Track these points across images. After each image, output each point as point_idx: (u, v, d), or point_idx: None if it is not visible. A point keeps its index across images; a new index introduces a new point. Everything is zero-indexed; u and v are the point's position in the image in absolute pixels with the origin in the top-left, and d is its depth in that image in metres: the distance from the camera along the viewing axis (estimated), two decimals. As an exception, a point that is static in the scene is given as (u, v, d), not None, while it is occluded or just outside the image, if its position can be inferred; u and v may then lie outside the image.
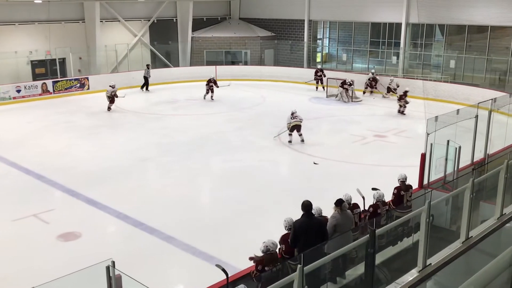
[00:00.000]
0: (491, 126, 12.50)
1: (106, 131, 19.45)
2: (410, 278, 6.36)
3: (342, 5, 30.20)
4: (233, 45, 33.03)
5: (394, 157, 15.87)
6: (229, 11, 35.66)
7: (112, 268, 5.01)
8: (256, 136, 18.44)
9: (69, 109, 23.14)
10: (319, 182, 13.88)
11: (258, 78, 30.52)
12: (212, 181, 14.38)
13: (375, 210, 8.95)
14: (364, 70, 30.09)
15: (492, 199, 8.39)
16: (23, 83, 24.99)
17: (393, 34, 29.03)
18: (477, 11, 24.79)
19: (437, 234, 7.99)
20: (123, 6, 29.85)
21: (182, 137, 18.32)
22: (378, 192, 9.14)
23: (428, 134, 10.71)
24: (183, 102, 24.80)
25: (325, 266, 6.09)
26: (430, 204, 6.30)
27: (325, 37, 33.75)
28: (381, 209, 8.98)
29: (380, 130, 19.23)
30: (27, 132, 19.14)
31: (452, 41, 27.31)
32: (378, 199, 9.06)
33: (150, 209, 12.07)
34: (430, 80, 26.13)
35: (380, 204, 9.03)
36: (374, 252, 5.94)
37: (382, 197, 9.12)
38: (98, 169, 14.91)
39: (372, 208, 9.02)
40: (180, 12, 32.48)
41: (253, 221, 11.42)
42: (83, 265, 5.20)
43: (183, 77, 30.39)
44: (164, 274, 9.26)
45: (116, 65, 29.79)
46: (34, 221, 11.32)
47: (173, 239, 10.45)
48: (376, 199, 9.07)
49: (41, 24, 26.58)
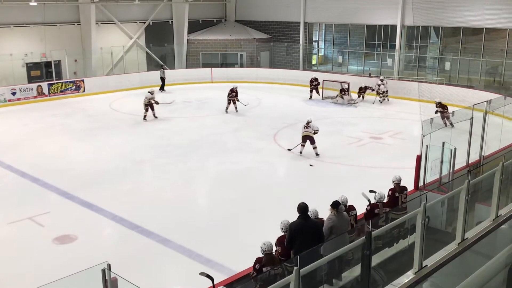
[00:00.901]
0: (486, 127, 12.53)
1: (102, 133, 19.40)
2: (406, 280, 6.37)
3: (337, 8, 30.29)
4: (228, 47, 33.05)
5: (390, 159, 15.90)
6: (225, 14, 35.70)
7: (108, 271, 4.99)
8: (252, 138, 18.44)
9: (64, 111, 23.08)
10: (315, 184, 13.89)
11: (254, 80, 30.54)
12: (208, 183, 14.37)
13: (372, 209, 8.99)
14: (360, 72, 30.17)
15: (488, 201, 8.41)
16: (18, 85, 24.91)
17: (388, 36, 29.12)
18: (471, 13, 24.92)
19: (433, 236, 8.00)
20: (119, 8, 29.83)
21: (178, 139, 18.31)
22: (380, 193, 9.18)
23: (424, 136, 10.74)
24: (179, 104, 24.78)
25: (321, 268, 6.09)
26: (425, 206, 6.32)
27: (321, 39, 33.83)
28: (380, 209, 9.01)
29: (376, 132, 19.27)
30: (23, 134, 19.08)
31: (447, 43, 27.42)
32: (379, 200, 9.10)
33: (146, 211, 12.04)
34: (426, 82, 26.21)
35: (380, 204, 9.06)
36: (370, 254, 5.95)
37: (383, 198, 9.17)
38: (94, 171, 14.88)
39: (370, 207, 9.06)
40: (176, 14, 32.49)
41: (249, 223, 11.41)
42: (79, 268, 5.19)
43: (178, 79, 30.38)
44: (160, 277, 9.24)
45: (112, 68, 29.76)
46: (30, 224, 11.27)
47: (169, 242, 10.42)
48: (377, 200, 9.11)
49: (36, 27, 26.52)
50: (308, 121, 16.06)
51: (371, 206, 9.08)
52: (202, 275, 6.80)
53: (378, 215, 8.84)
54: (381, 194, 9.18)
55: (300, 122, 17.69)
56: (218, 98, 25.23)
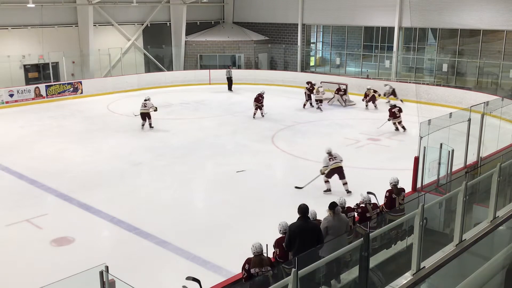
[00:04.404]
0: (484, 129, 12.57)
1: (99, 135, 19.38)
2: (404, 281, 6.37)
3: (335, 9, 30.33)
4: (226, 49, 33.07)
5: (388, 161, 15.92)
6: (223, 15, 35.72)
7: (106, 273, 4.99)
8: (250, 140, 18.44)
9: (62, 113, 23.06)
10: (313, 186, 13.88)
11: (252, 82, 30.57)
12: (206, 185, 14.36)
13: (363, 213, 9.07)
14: (357, 74, 30.21)
15: (485, 202, 8.43)
16: (16, 87, 24.88)
17: (386, 38, 29.18)
18: (469, 15, 24.97)
19: (430, 237, 8.00)
20: (117, 10, 29.82)
21: (175, 141, 18.30)
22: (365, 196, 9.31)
23: (421, 138, 10.76)
24: (176, 106, 24.78)
25: (319, 269, 6.09)
26: (423, 207, 6.32)
27: (319, 41, 33.87)
28: (370, 212, 9.07)
29: (373, 133, 19.29)
30: (20, 136, 19.04)
31: (445, 45, 27.47)
32: (367, 202, 9.20)
33: (143, 213, 12.03)
34: (423, 83, 26.25)
35: (369, 207, 9.12)
36: (368, 256, 5.95)
37: (367, 200, 9.29)
38: (91, 173, 14.86)
39: (362, 210, 9.15)
40: (174, 16, 32.50)
41: (248, 225, 11.40)
42: (77, 270, 5.18)
43: (176, 81, 30.42)
44: (158, 278, 9.22)
45: (110, 69, 29.75)
46: (27, 226, 11.25)
47: (167, 244, 10.42)
48: (365, 203, 9.20)
49: (34, 28, 26.50)
50: (329, 151, 13.12)
51: (362, 209, 9.14)
52: (189, 280, 6.79)
53: (370, 218, 8.88)
54: (367, 197, 9.29)
55: (298, 124, 17.70)
56: (216, 100, 25.23)
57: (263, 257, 7.06)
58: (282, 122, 21.01)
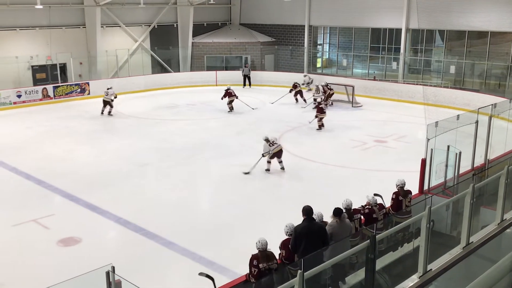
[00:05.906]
0: (492, 131, 12.50)
1: (106, 136, 19.45)
2: (410, 284, 6.35)
3: (342, 11, 30.27)
4: (233, 51, 33.09)
5: (394, 162, 15.86)
6: (230, 17, 35.76)
7: (112, 273, 5.01)
8: (256, 141, 18.37)
9: (69, 114, 23.16)
10: (319, 187, 13.87)
11: (258, 83, 30.58)
12: (211, 186, 14.37)
13: (370, 214, 9.01)
14: (364, 76, 30.14)
15: (493, 205, 8.39)
16: (23, 88, 25.02)
17: (393, 40, 29.08)
18: (477, 16, 24.84)
19: (437, 240, 7.97)
20: (124, 11, 29.92)
21: (181, 142, 18.33)
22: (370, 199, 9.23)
23: (429, 140, 10.71)
24: (182, 107, 24.82)
25: (325, 271, 6.08)
26: (430, 210, 6.30)
27: (325, 43, 33.81)
28: (377, 213, 9.02)
29: (380, 135, 19.23)
30: (28, 137, 19.14)
31: (452, 47, 27.35)
32: (374, 204, 9.14)
33: (149, 214, 12.05)
34: (430, 85, 26.15)
35: (375, 209, 9.06)
36: (374, 258, 5.94)
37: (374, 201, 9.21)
38: (98, 174, 14.91)
39: (369, 211, 9.08)
40: (181, 17, 32.57)
41: (253, 226, 11.40)
42: (83, 270, 5.20)
43: (183, 82, 30.49)
44: (163, 279, 9.24)
45: (117, 70, 29.84)
46: (34, 226, 11.30)
47: (173, 244, 10.43)
48: (372, 205, 9.15)
49: (42, 30, 26.64)
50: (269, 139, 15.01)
51: (369, 210, 9.08)
52: (202, 275, 6.80)
53: (376, 219, 8.84)
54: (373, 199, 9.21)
55: (304, 125, 17.67)
56: (222, 101, 25.23)
57: (268, 252, 7.16)
58: (288, 124, 21.00)
